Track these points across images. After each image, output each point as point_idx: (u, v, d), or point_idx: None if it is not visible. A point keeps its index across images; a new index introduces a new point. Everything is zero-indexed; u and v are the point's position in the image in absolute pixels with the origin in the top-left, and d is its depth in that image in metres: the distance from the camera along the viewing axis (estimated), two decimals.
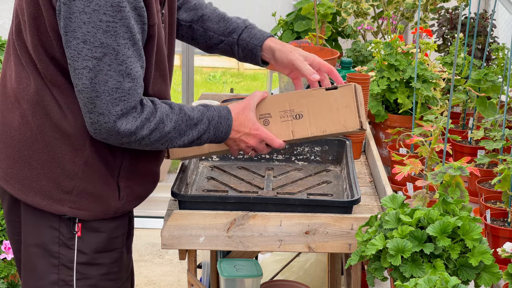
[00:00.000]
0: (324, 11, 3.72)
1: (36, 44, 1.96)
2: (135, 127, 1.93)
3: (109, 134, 1.92)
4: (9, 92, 2.06)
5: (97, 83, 1.88)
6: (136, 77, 1.92)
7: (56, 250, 2.06)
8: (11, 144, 2.05)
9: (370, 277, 1.90)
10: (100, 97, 1.89)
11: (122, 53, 1.89)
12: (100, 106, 1.89)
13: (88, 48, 1.86)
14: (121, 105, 1.90)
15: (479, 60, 3.33)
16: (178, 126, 2.01)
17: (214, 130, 2.07)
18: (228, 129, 2.09)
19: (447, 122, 2.33)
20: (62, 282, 2.07)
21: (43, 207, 2.03)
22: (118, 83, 1.89)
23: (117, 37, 1.87)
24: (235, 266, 2.19)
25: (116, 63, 1.88)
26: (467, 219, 1.81)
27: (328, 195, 2.34)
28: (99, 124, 1.91)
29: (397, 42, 2.97)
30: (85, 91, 1.89)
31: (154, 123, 1.96)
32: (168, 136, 2.00)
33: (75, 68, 1.89)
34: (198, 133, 2.05)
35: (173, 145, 2.03)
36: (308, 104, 2.14)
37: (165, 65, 2.09)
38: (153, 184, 2.19)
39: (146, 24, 1.94)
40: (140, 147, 2.00)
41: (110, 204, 2.07)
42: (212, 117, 2.07)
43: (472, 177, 2.50)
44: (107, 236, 2.10)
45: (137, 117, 1.93)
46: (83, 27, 1.85)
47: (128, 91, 1.91)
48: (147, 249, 4.74)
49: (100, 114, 1.90)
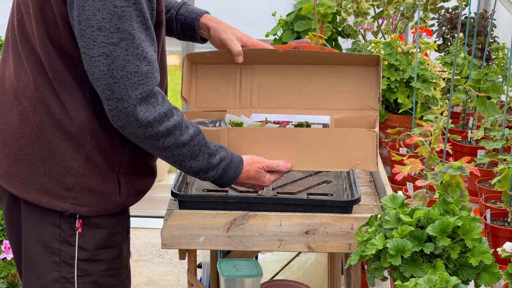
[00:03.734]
0: (324, 11, 3.72)
1: (43, 36, 1.96)
2: (152, 118, 1.93)
3: (127, 121, 1.92)
4: (8, 90, 2.06)
5: (115, 69, 1.88)
6: (152, 61, 1.93)
7: (57, 247, 2.06)
8: (11, 142, 2.05)
9: (370, 277, 1.90)
10: (118, 82, 1.89)
11: (138, 37, 1.89)
12: (118, 91, 1.89)
13: (104, 34, 1.86)
14: (140, 88, 1.90)
15: (479, 60, 3.33)
16: (193, 146, 2.02)
17: (222, 171, 2.09)
18: (235, 177, 2.12)
19: (447, 122, 2.33)
20: (64, 279, 2.07)
21: (44, 204, 2.03)
22: (136, 67, 1.89)
23: (132, 21, 1.88)
24: (235, 266, 2.18)
25: (133, 47, 1.89)
26: (467, 219, 1.81)
27: (328, 195, 2.34)
28: (118, 110, 1.91)
29: (397, 42, 2.97)
30: (102, 78, 1.89)
31: (173, 123, 1.96)
32: (181, 150, 2.00)
33: (91, 56, 1.88)
34: (207, 165, 2.06)
35: (181, 163, 2.03)
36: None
37: (164, 54, 2.11)
38: (152, 179, 2.20)
39: (155, 10, 1.95)
40: (153, 150, 1.99)
41: (111, 200, 2.07)
42: (225, 158, 2.09)
43: (472, 177, 2.50)
44: (108, 232, 2.10)
45: (156, 107, 1.93)
46: (97, 14, 1.86)
47: (146, 74, 1.91)
48: (147, 249, 4.74)
49: (119, 100, 1.90)
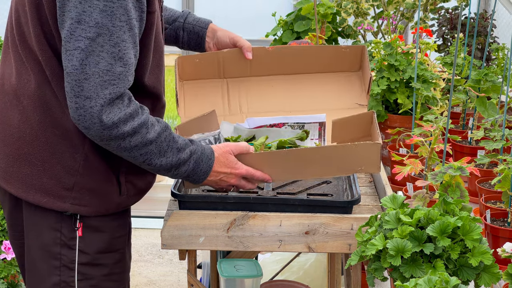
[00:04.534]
0: (324, 11, 3.72)
1: (39, 34, 1.95)
2: (117, 119, 1.88)
3: (92, 122, 1.86)
4: (8, 89, 2.05)
5: (88, 64, 1.84)
6: (128, 64, 1.88)
7: (58, 251, 2.05)
8: (10, 142, 2.05)
9: (370, 277, 1.90)
10: (89, 79, 1.84)
11: (117, 35, 1.85)
12: (88, 89, 1.85)
13: (82, 28, 1.83)
14: (110, 88, 1.86)
15: (479, 60, 3.33)
16: (160, 142, 1.97)
17: (194, 164, 2.03)
18: (208, 169, 2.06)
19: (447, 122, 2.33)
20: (64, 283, 2.07)
21: (44, 204, 2.03)
22: (109, 65, 1.85)
23: (113, 18, 1.84)
24: (235, 266, 2.18)
25: (109, 44, 1.85)
26: (467, 219, 1.81)
27: (328, 195, 2.34)
28: (84, 109, 1.86)
29: (397, 42, 2.97)
30: (74, 73, 1.85)
31: (138, 123, 1.91)
32: (149, 148, 1.95)
33: (66, 49, 1.85)
34: (178, 160, 2.00)
35: (151, 162, 1.98)
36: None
37: (161, 55, 2.08)
38: (152, 177, 2.18)
39: (145, 12, 1.92)
40: (119, 151, 1.94)
41: (111, 199, 2.07)
42: (195, 151, 2.04)
43: (472, 177, 2.50)
44: (109, 236, 2.10)
45: (122, 108, 1.89)
46: (79, 7, 1.83)
47: (118, 76, 1.87)
48: (147, 249, 4.74)
49: (87, 98, 1.85)
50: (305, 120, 2.41)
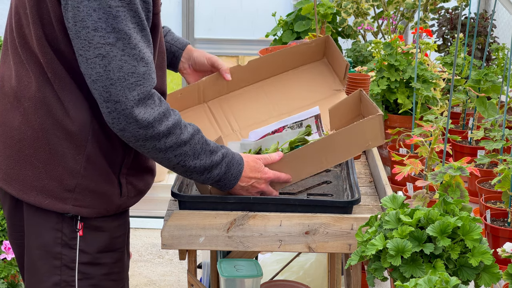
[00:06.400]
0: (324, 11, 3.72)
1: (40, 36, 1.95)
2: (152, 118, 1.90)
3: (127, 123, 1.89)
4: (8, 92, 2.05)
5: (111, 70, 1.86)
6: (149, 62, 1.91)
7: (59, 251, 2.05)
8: (11, 144, 2.05)
9: (370, 277, 1.90)
10: (115, 84, 1.86)
11: (134, 37, 1.87)
12: (115, 94, 1.87)
13: (100, 35, 1.85)
14: (137, 89, 1.88)
15: (479, 60, 3.33)
16: (194, 144, 1.99)
17: (226, 168, 2.06)
18: (239, 174, 2.08)
19: (447, 122, 2.33)
20: (64, 283, 2.07)
21: (45, 206, 2.03)
22: (133, 67, 1.87)
23: (127, 21, 1.86)
24: (235, 266, 2.18)
25: (129, 48, 1.87)
26: (467, 219, 1.81)
27: (328, 195, 2.34)
28: (117, 113, 1.88)
29: (397, 42, 2.97)
30: (99, 80, 1.87)
31: (172, 123, 1.94)
32: (183, 149, 1.97)
33: (87, 58, 1.87)
34: (211, 162, 2.02)
35: (185, 163, 1.99)
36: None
37: (163, 57, 2.10)
38: (152, 178, 2.19)
39: (151, 12, 1.94)
40: (154, 152, 1.96)
41: (112, 201, 2.07)
42: (227, 154, 2.07)
43: (472, 177, 2.50)
44: (109, 236, 2.10)
45: (154, 107, 1.91)
46: (93, 15, 1.84)
47: (143, 75, 1.89)
48: (147, 249, 4.74)
49: (117, 102, 1.87)
50: (301, 117, 2.43)
